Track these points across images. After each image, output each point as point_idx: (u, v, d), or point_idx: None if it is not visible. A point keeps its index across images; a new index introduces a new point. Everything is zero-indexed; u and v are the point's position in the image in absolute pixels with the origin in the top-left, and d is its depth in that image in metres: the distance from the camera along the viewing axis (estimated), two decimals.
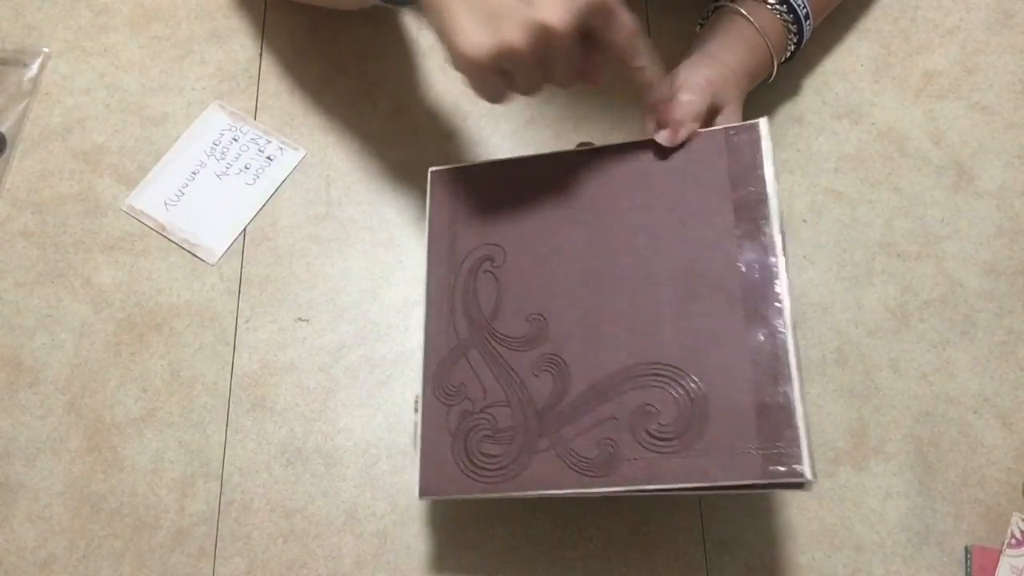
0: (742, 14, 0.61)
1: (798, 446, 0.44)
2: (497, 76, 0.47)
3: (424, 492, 0.51)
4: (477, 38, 0.45)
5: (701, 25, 0.65)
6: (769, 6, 0.62)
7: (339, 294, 0.64)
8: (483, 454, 0.51)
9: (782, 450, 0.45)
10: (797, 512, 0.58)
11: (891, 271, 0.65)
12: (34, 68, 0.69)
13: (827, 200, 0.67)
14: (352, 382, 0.61)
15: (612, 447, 0.48)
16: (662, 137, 0.53)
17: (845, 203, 0.67)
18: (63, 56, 0.70)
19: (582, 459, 0.48)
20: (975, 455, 0.60)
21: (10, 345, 0.62)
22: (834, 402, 0.61)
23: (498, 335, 0.53)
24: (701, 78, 0.56)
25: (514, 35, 0.45)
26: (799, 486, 0.45)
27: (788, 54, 0.64)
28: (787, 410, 0.45)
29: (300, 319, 0.63)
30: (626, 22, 0.48)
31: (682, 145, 0.53)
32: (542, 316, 0.52)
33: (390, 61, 0.71)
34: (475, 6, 0.46)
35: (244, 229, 0.65)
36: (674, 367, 0.48)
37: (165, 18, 0.72)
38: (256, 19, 0.72)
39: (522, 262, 0.54)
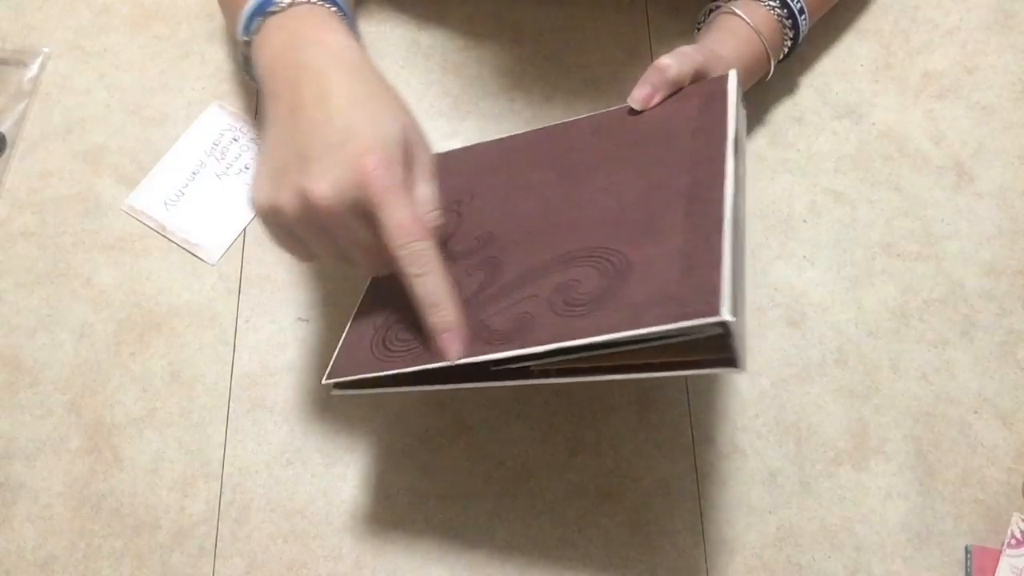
0: (735, 13, 0.62)
1: (716, 292, 0.38)
2: (288, 233, 0.45)
3: (332, 374, 0.46)
4: (262, 191, 0.44)
5: (698, 29, 0.66)
6: (763, 3, 0.62)
7: (339, 294, 0.64)
8: (398, 339, 0.46)
9: (701, 297, 0.38)
10: (797, 512, 0.58)
11: (891, 271, 0.65)
12: (34, 68, 0.69)
13: (827, 200, 0.67)
14: None
15: (527, 319, 0.43)
16: (633, 99, 0.54)
17: (845, 203, 0.67)
18: (63, 56, 0.70)
19: (494, 332, 0.43)
20: (975, 455, 0.60)
21: (10, 345, 0.62)
22: (834, 402, 0.61)
23: (447, 251, 0.50)
24: (688, 48, 0.57)
25: (285, 197, 0.43)
26: (731, 361, 0.39)
27: (785, 51, 0.64)
28: (712, 266, 0.40)
29: (300, 319, 0.63)
30: (397, 219, 0.42)
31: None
32: (491, 233, 0.50)
33: (390, 61, 0.71)
34: (273, 158, 0.44)
35: (244, 229, 0.65)
36: (607, 247, 0.45)
37: (165, 18, 0.72)
38: None
39: (487, 200, 0.53)
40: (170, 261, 0.64)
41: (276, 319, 0.63)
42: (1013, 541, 0.58)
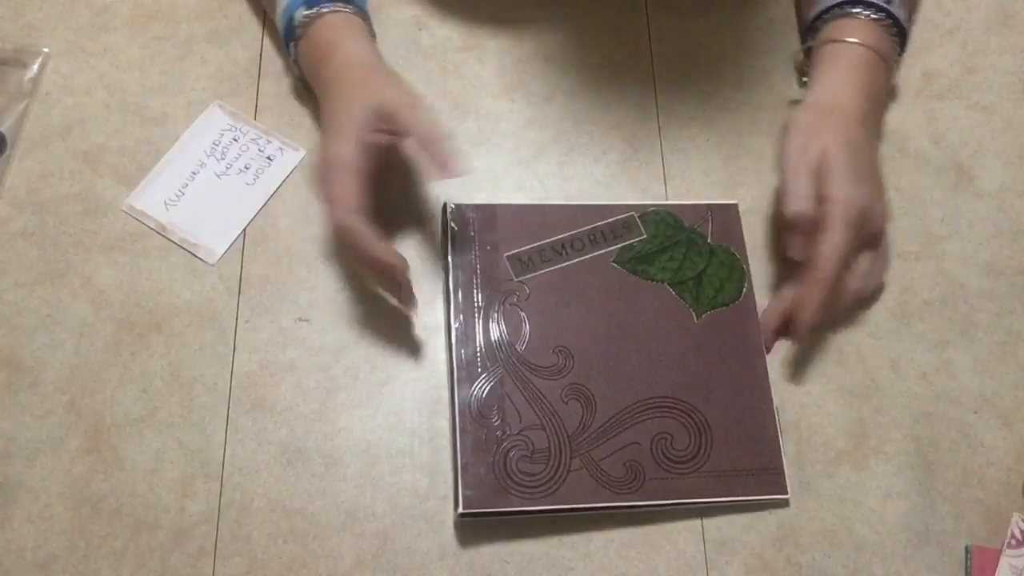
0: (844, 41, 0.62)
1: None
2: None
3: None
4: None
5: (804, 81, 0.67)
6: (857, 15, 0.63)
7: (339, 294, 0.64)
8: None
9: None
10: (797, 512, 0.58)
11: (891, 271, 0.65)
12: (34, 68, 0.69)
13: None
14: (352, 382, 0.61)
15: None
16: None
17: None
18: (63, 56, 0.70)
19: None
20: (975, 455, 0.60)
21: (10, 345, 0.62)
22: (834, 402, 0.61)
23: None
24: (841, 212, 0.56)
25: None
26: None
27: (898, 51, 0.65)
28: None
29: (300, 319, 0.63)
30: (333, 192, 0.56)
31: None
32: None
33: (390, 61, 0.71)
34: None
35: (244, 229, 0.65)
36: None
37: (165, 18, 0.72)
38: (256, 19, 0.72)
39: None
40: (170, 261, 0.64)
41: (276, 319, 0.63)
42: (1013, 541, 0.58)
